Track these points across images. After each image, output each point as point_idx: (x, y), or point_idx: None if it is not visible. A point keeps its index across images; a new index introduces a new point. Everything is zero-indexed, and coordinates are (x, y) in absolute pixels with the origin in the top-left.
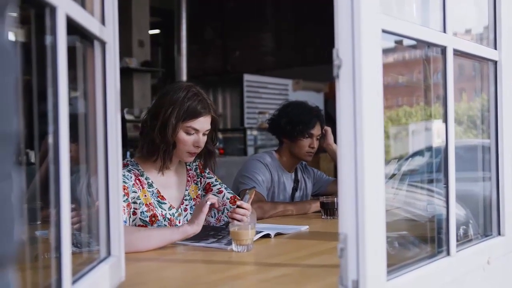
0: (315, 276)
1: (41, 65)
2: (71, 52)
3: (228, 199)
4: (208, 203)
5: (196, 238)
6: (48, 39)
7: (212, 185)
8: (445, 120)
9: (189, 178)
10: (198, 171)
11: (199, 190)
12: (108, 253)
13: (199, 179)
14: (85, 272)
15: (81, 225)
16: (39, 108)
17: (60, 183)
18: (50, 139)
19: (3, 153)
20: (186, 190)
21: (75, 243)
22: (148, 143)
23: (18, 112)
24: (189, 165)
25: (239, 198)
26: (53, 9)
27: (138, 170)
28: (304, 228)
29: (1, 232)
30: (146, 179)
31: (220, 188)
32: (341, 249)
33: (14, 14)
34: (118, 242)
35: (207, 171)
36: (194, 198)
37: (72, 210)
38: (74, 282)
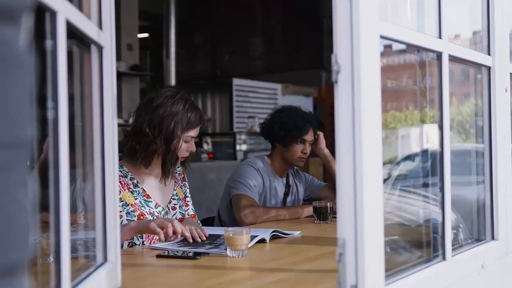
0: (311, 281)
1: (39, 69)
2: (68, 56)
3: (189, 215)
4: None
5: (193, 245)
6: (48, 43)
7: (186, 196)
8: (441, 125)
9: (176, 180)
10: (181, 176)
11: (183, 193)
12: (105, 259)
13: (183, 184)
14: (83, 278)
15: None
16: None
17: (60, 188)
18: (50, 144)
19: (19, 160)
20: (174, 190)
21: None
22: (150, 153)
23: (33, 119)
24: (175, 168)
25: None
26: (53, 14)
27: (121, 172)
28: (297, 233)
29: (17, 239)
30: (130, 179)
31: (189, 201)
32: (339, 254)
33: (29, 21)
34: (115, 248)
35: (186, 180)
36: (182, 199)
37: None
38: None
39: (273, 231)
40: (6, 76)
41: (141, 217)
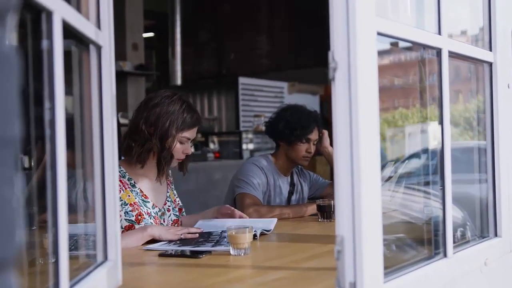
0: (312, 278)
1: (36, 69)
2: (66, 56)
3: (172, 220)
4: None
5: (191, 243)
6: (44, 43)
7: (175, 200)
8: (441, 122)
9: (168, 183)
10: (171, 179)
11: (174, 196)
12: (105, 258)
13: (173, 186)
14: (82, 276)
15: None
16: (33, 112)
17: (57, 188)
18: (47, 144)
19: (5, 157)
20: (167, 192)
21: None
22: (145, 151)
23: (19, 116)
24: (169, 168)
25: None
26: (49, 14)
27: (119, 172)
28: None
29: (3, 236)
30: (128, 180)
31: (172, 206)
32: (338, 251)
33: (15, 19)
34: (115, 247)
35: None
36: (173, 201)
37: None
38: (71, 286)
39: (261, 232)
40: None
41: (139, 217)
